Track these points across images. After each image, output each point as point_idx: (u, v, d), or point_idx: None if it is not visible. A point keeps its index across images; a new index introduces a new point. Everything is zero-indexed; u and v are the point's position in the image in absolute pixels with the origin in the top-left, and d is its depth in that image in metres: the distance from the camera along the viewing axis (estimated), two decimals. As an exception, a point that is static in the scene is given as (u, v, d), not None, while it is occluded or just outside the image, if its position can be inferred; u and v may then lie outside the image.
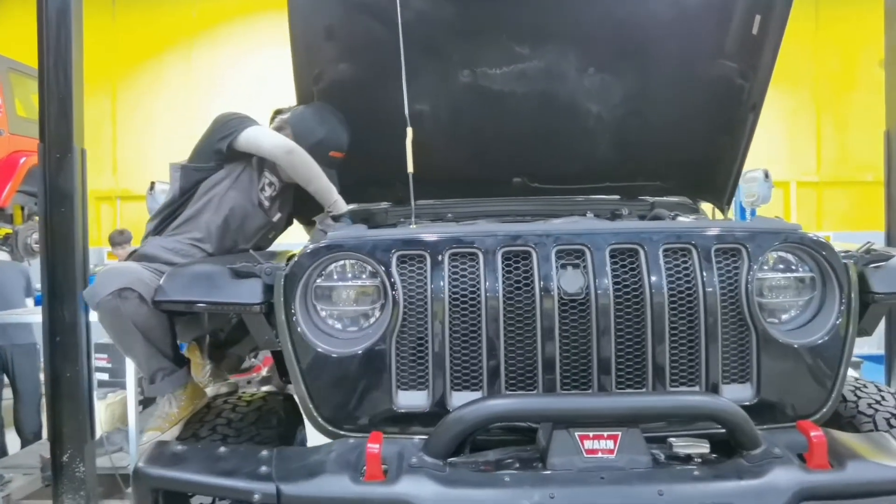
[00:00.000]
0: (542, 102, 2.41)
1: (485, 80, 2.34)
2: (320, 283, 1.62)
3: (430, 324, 1.51)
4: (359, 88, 2.32)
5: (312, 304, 1.61)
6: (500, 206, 2.76)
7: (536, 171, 2.67)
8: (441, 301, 1.51)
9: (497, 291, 1.50)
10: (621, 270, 1.54)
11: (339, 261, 1.62)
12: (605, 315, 1.50)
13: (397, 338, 1.53)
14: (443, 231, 1.62)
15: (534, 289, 1.51)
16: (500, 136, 2.52)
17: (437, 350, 1.51)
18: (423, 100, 2.39)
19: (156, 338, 1.70)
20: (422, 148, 2.52)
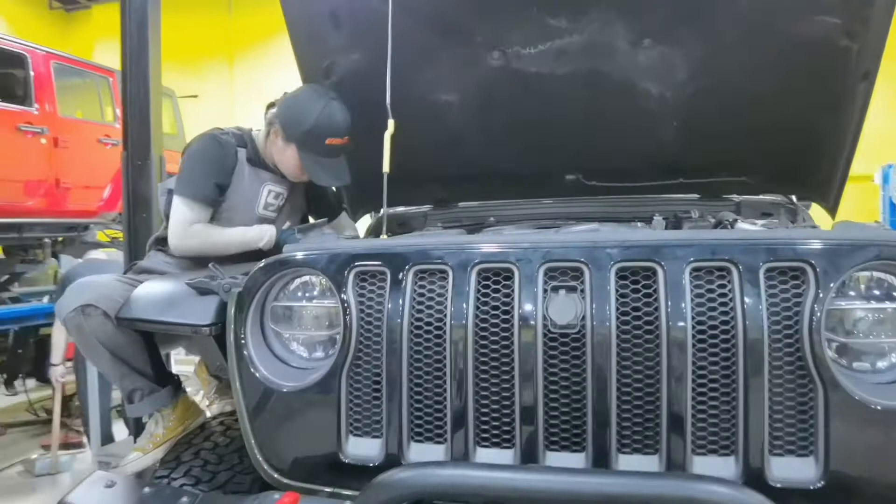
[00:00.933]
0: (589, 84, 2.02)
1: (518, 62, 2.01)
2: (277, 303, 1.41)
3: (385, 357, 1.25)
4: (378, 79, 2.09)
5: (270, 327, 1.41)
6: (553, 209, 2.41)
7: (592, 167, 2.28)
8: (396, 330, 1.24)
9: (465, 320, 1.20)
10: (632, 296, 1.18)
11: (298, 277, 1.41)
12: (604, 353, 1.15)
13: (349, 372, 1.28)
14: (406, 243, 1.35)
15: (513, 318, 1.20)
16: (545, 126, 2.16)
17: (391, 390, 1.24)
18: (449, 89, 2.11)
19: (127, 356, 1.59)
20: (454, 144, 2.25)
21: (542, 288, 1.19)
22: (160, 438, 1.72)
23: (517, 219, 2.39)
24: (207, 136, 1.87)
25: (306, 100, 1.90)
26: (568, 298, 1.18)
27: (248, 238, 1.87)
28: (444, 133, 2.23)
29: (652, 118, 2.06)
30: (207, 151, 1.85)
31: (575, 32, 1.90)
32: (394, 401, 1.23)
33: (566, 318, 1.17)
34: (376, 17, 1.90)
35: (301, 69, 2.04)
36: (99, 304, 1.50)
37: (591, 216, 2.32)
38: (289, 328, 1.41)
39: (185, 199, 1.80)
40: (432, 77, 2.08)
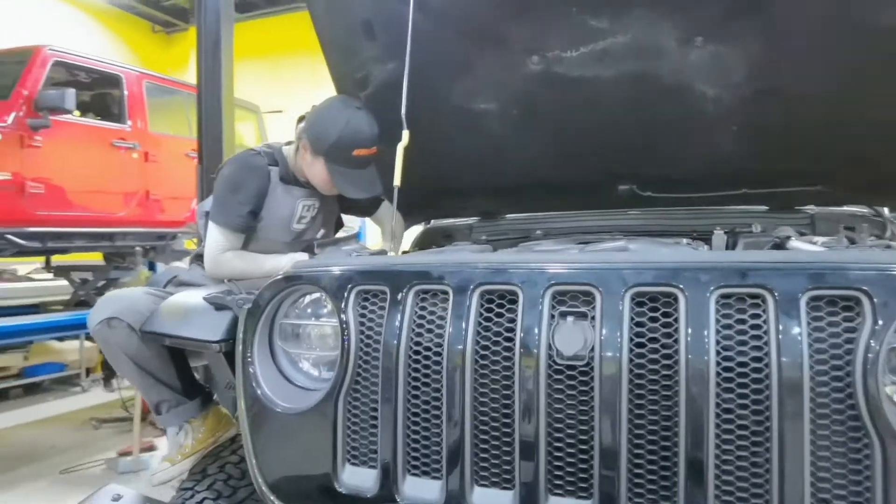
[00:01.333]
0: (637, 88, 1.87)
1: (559, 66, 1.89)
2: (286, 320, 1.38)
3: (381, 382, 1.18)
4: (417, 90, 2.04)
5: (279, 345, 1.38)
6: (605, 221, 2.26)
7: (647, 177, 2.12)
8: (392, 354, 1.16)
9: (464, 346, 1.11)
10: (649, 325, 1.04)
11: (308, 295, 1.37)
12: (614, 390, 1.02)
13: (347, 397, 1.22)
14: (409, 261, 1.27)
15: (515, 346, 1.09)
16: (593, 133, 2.03)
17: (386, 418, 1.17)
18: (489, 97, 2.02)
19: (153, 367, 1.62)
20: (497, 154, 2.16)
21: (548, 314, 1.08)
22: (189, 450, 1.73)
23: (566, 231, 2.26)
24: (241, 161, 1.89)
25: (331, 112, 1.87)
26: (576, 326, 1.06)
27: (280, 267, 1.85)
28: (486, 143, 2.14)
29: (709, 123, 1.88)
30: (239, 178, 1.86)
31: (618, 33, 1.76)
32: (388, 430, 1.16)
33: (573, 348, 1.05)
34: (413, 25, 1.84)
35: (335, 81, 2.02)
36: (123, 317, 1.53)
37: (646, 229, 2.15)
38: (297, 347, 1.37)
39: (218, 227, 1.83)
40: (470, 85, 2.00)
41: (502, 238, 2.32)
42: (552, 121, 2.05)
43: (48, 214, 4.61)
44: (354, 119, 1.85)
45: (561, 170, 2.17)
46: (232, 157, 1.93)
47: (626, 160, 2.08)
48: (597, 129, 2.02)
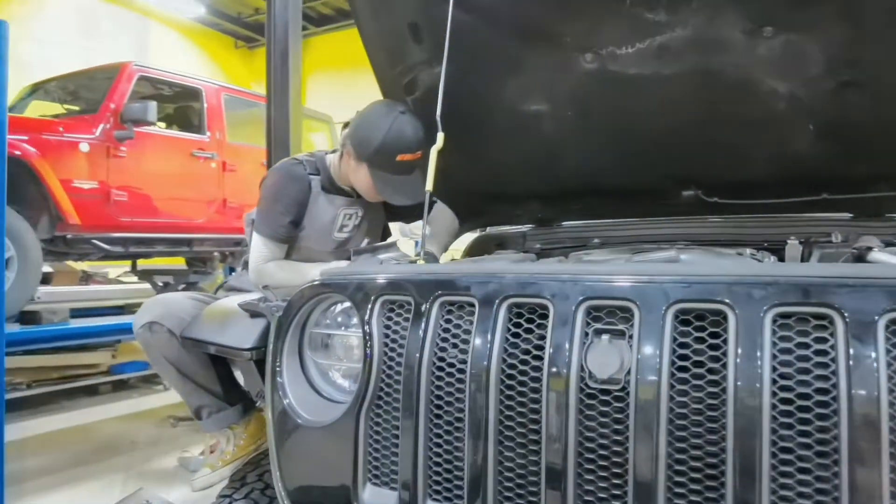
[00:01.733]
0: (701, 85, 1.73)
1: (615, 64, 1.77)
2: (317, 329, 1.34)
3: (402, 400, 1.11)
4: (465, 92, 1.97)
5: (309, 354, 1.35)
6: (668, 229, 2.11)
7: (713, 182, 1.95)
8: (414, 369, 1.10)
9: (489, 363, 1.03)
10: (694, 347, 0.93)
11: (338, 304, 1.33)
12: (650, 417, 0.91)
13: (369, 413, 1.16)
14: (437, 270, 1.20)
15: (544, 366, 1.00)
16: (653, 135, 1.89)
17: (407, 437, 1.10)
18: (539, 98, 1.93)
19: (193, 372, 1.63)
20: (552, 158, 2.06)
21: (580, 331, 0.98)
22: (230, 456, 1.73)
23: (625, 240, 2.13)
24: (282, 171, 1.89)
25: (374, 117, 1.83)
26: (612, 346, 0.96)
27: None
28: (540, 146, 2.05)
29: (782, 122, 1.71)
30: (280, 187, 1.86)
31: (677, 26, 1.63)
32: (409, 450, 1.09)
33: (608, 370, 0.95)
34: (459, 27, 1.79)
35: (381, 86, 1.99)
36: (164, 322, 1.55)
37: (713, 238, 1.99)
38: (326, 357, 1.33)
39: (261, 237, 1.83)
40: (521, 86, 1.91)
41: (556, 247, 2.21)
42: (609, 122, 1.93)
43: (131, 221, 4.87)
44: (398, 123, 1.80)
45: (619, 174, 2.04)
46: (274, 167, 1.93)
47: (689, 164, 1.93)
48: (657, 131, 1.88)
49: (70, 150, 4.49)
